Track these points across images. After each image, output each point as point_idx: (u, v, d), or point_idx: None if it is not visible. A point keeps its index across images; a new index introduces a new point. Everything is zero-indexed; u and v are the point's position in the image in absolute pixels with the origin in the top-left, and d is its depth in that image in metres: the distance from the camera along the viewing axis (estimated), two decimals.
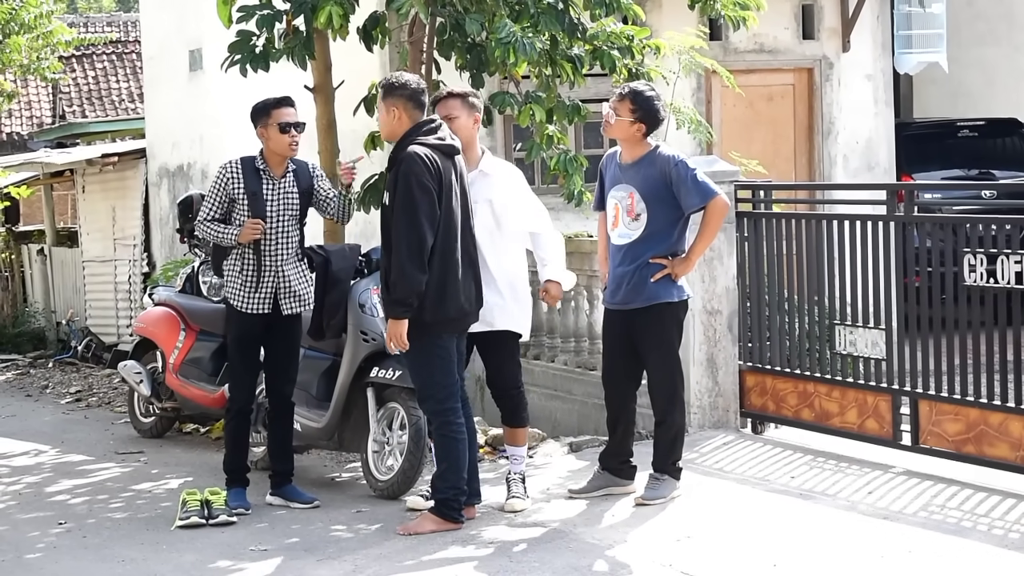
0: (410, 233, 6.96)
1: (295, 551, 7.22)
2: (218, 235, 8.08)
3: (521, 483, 7.73)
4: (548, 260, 7.86)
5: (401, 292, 7.00)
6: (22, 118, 30.25)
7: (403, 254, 6.98)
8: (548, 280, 7.85)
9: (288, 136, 8.04)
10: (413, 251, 6.96)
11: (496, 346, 7.68)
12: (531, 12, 9.13)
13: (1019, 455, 7.47)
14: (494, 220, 7.68)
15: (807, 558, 6.50)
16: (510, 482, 7.73)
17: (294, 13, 9.38)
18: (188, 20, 16.15)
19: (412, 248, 6.97)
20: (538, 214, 7.87)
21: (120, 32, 31.18)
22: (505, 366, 7.75)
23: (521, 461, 7.80)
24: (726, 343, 9.03)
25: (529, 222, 7.79)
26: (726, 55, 13.40)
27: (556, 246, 7.92)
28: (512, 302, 7.68)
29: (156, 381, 11.07)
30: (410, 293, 6.99)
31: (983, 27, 16.91)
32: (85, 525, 8.13)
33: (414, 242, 6.97)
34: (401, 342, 7.07)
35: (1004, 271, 7.48)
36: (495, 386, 7.80)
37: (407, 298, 7.00)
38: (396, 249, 7.00)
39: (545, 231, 7.86)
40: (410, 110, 7.20)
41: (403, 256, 6.97)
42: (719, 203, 7.42)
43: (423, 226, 6.96)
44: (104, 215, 18.89)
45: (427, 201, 6.98)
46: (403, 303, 7.02)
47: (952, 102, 16.75)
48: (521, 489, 7.70)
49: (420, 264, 6.97)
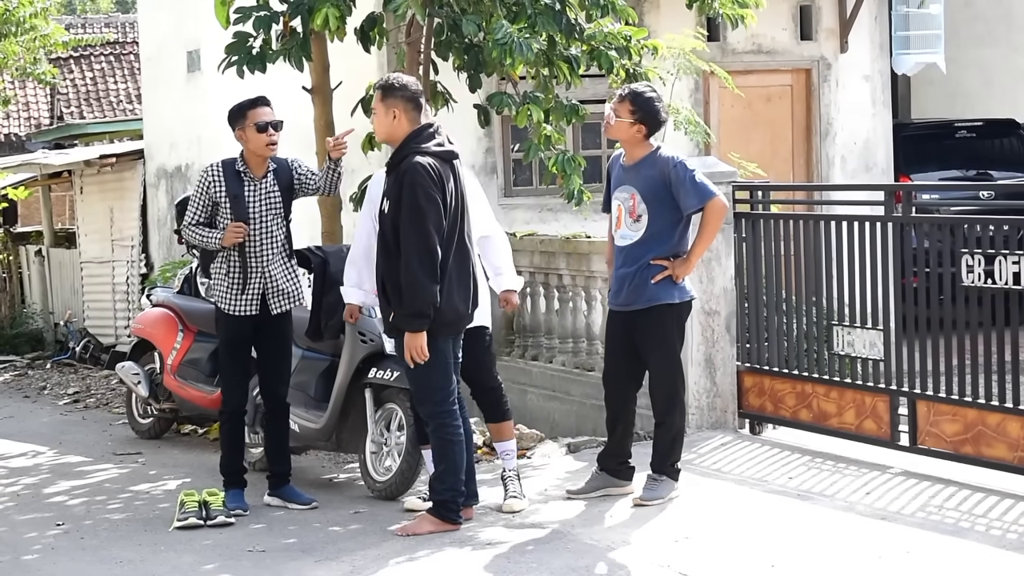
0: (420, 245, 6.96)
1: (293, 552, 7.22)
2: (203, 239, 8.09)
3: (517, 480, 7.74)
4: (502, 268, 7.97)
5: (418, 305, 6.98)
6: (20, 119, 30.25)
7: (415, 266, 6.96)
8: (506, 290, 7.97)
9: (266, 135, 8.03)
10: (425, 263, 6.96)
11: (473, 342, 7.69)
12: (528, 13, 9.13)
13: (1017, 455, 7.47)
14: None
15: (805, 559, 6.50)
16: (506, 481, 7.73)
17: (291, 14, 9.38)
18: (186, 21, 16.15)
19: (424, 260, 6.96)
20: (487, 216, 7.93)
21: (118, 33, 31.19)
22: (484, 360, 7.82)
23: (512, 456, 7.81)
24: (724, 344, 9.03)
25: (481, 225, 7.80)
26: (724, 56, 13.40)
27: (506, 251, 8.03)
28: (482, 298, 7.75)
29: (154, 382, 11.06)
30: (427, 304, 6.97)
31: (981, 28, 16.92)
32: (83, 526, 8.13)
33: (425, 254, 6.96)
34: (421, 354, 7.05)
35: (1002, 272, 7.48)
36: (476, 382, 7.85)
37: (424, 309, 6.99)
38: (407, 262, 6.98)
39: (496, 234, 7.97)
40: (409, 112, 7.19)
41: (415, 269, 6.96)
42: (717, 204, 7.43)
43: (432, 237, 6.96)
44: (102, 216, 18.88)
45: (434, 212, 6.99)
46: (421, 315, 7.00)
47: (950, 103, 16.76)
48: (518, 487, 7.71)
49: (432, 275, 6.97)
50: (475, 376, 7.82)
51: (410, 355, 7.05)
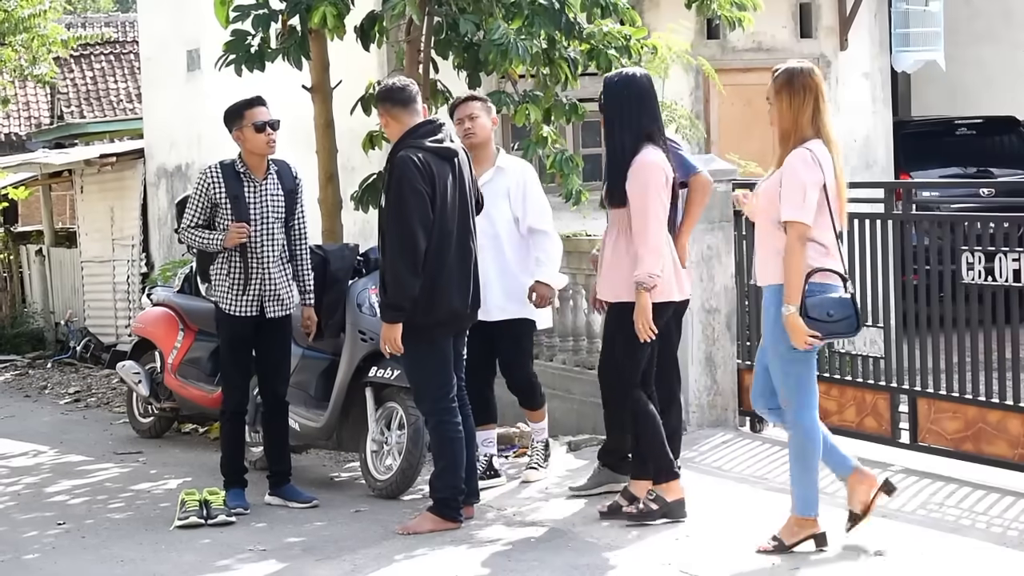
0: (403, 238, 6.98)
1: (294, 551, 7.22)
2: (203, 241, 8.08)
3: (542, 452, 8.25)
4: (544, 260, 8.07)
5: (394, 297, 7.02)
6: (20, 119, 30.24)
7: (396, 259, 6.99)
8: (538, 281, 7.99)
9: (264, 135, 8.02)
10: (407, 256, 6.97)
11: (506, 335, 8.02)
12: (526, 12, 9.12)
13: (1017, 453, 7.47)
14: (511, 211, 8.07)
15: (806, 557, 6.49)
16: (533, 451, 8.27)
17: (289, 13, 9.38)
18: (186, 20, 16.15)
19: (406, 253, 6.98)
20: (542, 213, 8.15)
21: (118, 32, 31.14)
22: (513, 354, 8.14)
23: (543, 432, 8.30)
24: (725, 342, 9.03)
25: (532, 218, 8.07)
26: (724, 54, 13.41)
27: (554, 248, 8.18)
28: None
29: (155, 381, 11.06)
30: (404, 297, 7.01)
31: (981, 25, 16.92)
32: (84, 525, 8.13)
33: (408, 247, 6.98)
34: (395, 346, 7.09)
35: (1002, 269, 7.49)
36: (510, 375, 8.17)
37: (401, 302, 7.03)
38: (390, 254, 7.03)
39: (546, 229, 8.15)
40: (395, 112, 7.24)
41: (396, 261, 6.99)
42: (701, 179, 7.40)
43: (416, 231, 6.97)
44: (102, 215, 18.88)
45: (420, 205, 6.99)
46: (396, 307, 7.05)
47: (950, 100, 16.76)
48: (540, 458, 8.21)
49: (414, 268, 6.99)
50: (505, 370, 8.19)
51: (384, 346, 7.12)
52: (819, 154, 6.26)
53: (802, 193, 6.19)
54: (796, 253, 6.21)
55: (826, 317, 6.24)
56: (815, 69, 6.38)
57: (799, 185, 6.20)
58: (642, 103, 7.10)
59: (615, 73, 7.42)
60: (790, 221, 6.21)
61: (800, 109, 6.28)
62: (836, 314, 6.26)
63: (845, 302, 6.30)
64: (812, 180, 6.21)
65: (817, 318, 6.22)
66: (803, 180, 6.21)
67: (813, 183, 6.21)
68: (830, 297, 6.27)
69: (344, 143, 10.27)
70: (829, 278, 6.32)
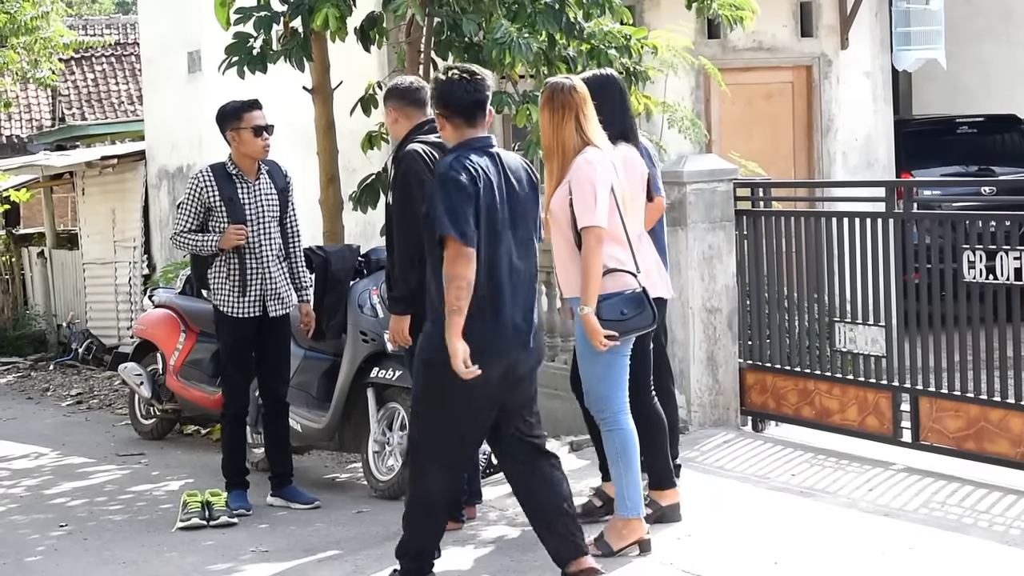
0: (406, 231, 6.96)
1: (296, 552, 7.23)
2: (197, 245, 8.11)
3: None
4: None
5: (401, 289, 7.01)
6: (21, 121, 30.26)
7: (403, 252, 6.98)
8: None
9: (262, 139, 8.09)
10: (410, 249, 6.96)
11: None
12: (528, 12, 9.13)
13: (1019, 451, 7.46)
14: None
15: (808, 555, 6.50)
16: None
17: (291, 15, 9.39)
18: (187, 22, 16.15)
19: (412, 246, 6.97)
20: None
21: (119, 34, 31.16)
22: None
23: None
24: (726, 341, 9.03)
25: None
26: (725, 53, 13.40)
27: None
28: None
29: (157, 383, 11.08)
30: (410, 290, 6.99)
31: (981, 23, 16.91)
32: (86, 527, 8.14)
33: (414, 240, 6.97)
34: (403, 338, 7.07)
35: (1003, 267, 7.48)
36: None
37: (408, 295, 7.00)
38: (397, 247, 7.02)
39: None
40: (405, 109, 7.22)
41: (403, 254, 6.98)
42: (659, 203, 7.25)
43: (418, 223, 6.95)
44: (104, 217, 18.90)
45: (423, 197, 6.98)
46: (403, 300, 7.02)
47: (951, 99, 16.75)
48: None
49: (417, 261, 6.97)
50: None
51: (392, 338, 7.12)
52: (596, 159, 6.35)
53: (592, 198, 6.29)
54: (594, 256, 6.30)
55: (620, 316, 6.37)
56: (577, 86, 6.43)
57: (589, 191, 6.30)
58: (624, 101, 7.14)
59: (591, 73, 7.37)
60: (586, 227, 6.30)
61: (560, 125, 6.38)
62: (629, 311, 6.40)
63: (637, 298, 6.42)
64: (600, 181, 6.31)
65: (611, 318, 6.34)
66: (592, 184, 6.30)
67: (602, 184, 6.32)
68: (622, 295, 6.39)
69: (345, 144, 10.27)
70: (620, 278, 6.42)
